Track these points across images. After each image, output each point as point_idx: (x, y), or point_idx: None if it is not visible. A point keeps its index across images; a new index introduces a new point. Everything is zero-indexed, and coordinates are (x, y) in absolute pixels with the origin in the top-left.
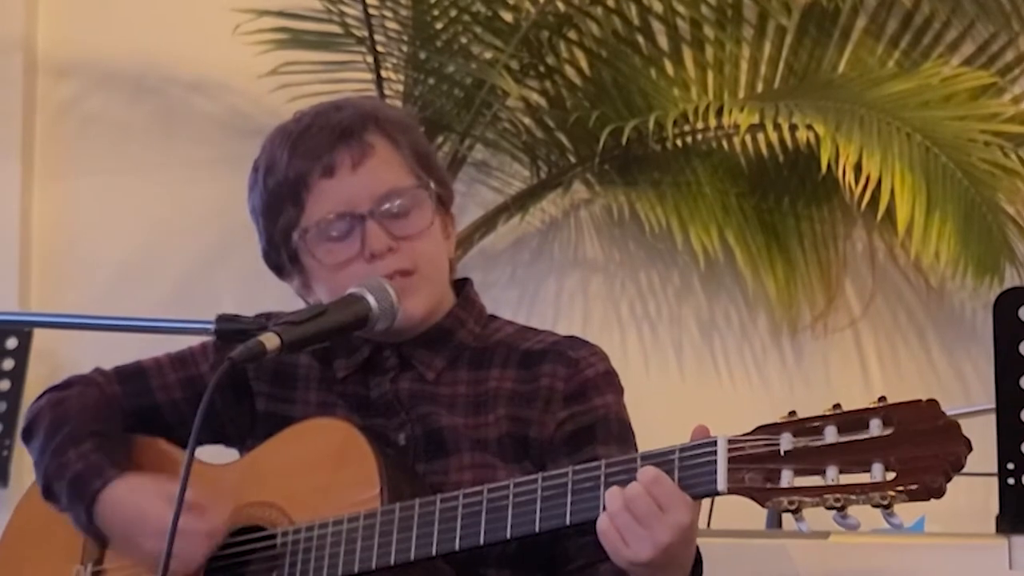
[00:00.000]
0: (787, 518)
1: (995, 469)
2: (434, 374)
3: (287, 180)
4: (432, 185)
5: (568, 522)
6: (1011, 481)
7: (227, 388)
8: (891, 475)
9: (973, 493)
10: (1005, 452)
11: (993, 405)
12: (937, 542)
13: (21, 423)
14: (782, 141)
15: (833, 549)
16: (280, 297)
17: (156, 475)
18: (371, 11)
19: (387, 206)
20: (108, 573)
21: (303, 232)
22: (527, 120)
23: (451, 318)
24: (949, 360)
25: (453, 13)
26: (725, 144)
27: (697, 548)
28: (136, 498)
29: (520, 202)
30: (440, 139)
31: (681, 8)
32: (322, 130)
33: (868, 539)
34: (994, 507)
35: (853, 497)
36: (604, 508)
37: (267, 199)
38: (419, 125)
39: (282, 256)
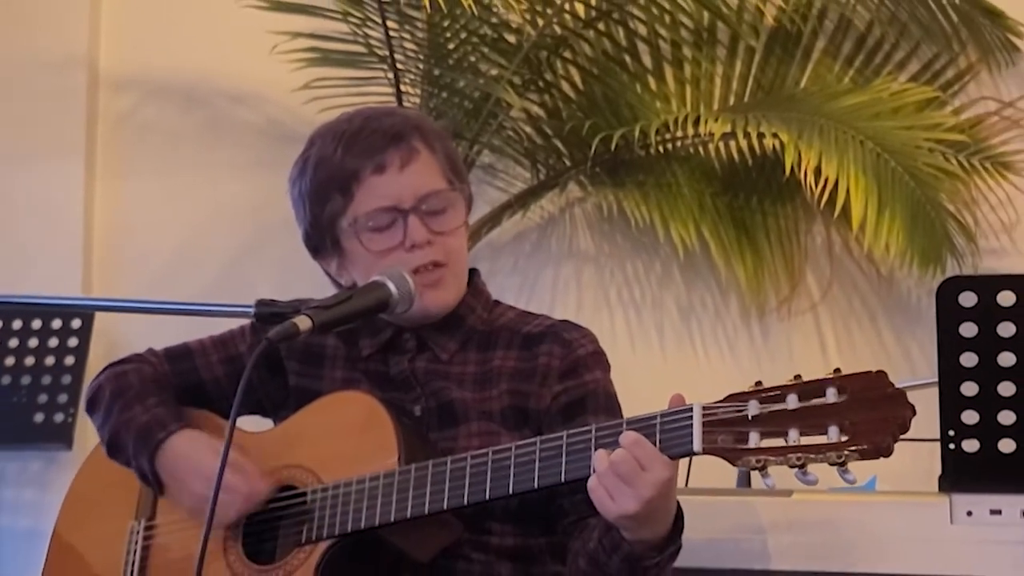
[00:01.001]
0: (755, 479)
1: (938, 435)
2: (448, 355)
3: (340, 173)
4: (464, 189)
5: (563, 479)
6: (952, 446)
7: (263, 365)
8: (845, 436)
9: (918, 456)
10: (946, 420)
11: (936, 379)
12: (887, 499)
13: (84, 394)
14: (751, 147)
15: (795, 505)
16: (312, 284)
17: (210, 433)
18: (391, 33)
19: (427, 204)
20: (159, 527)
21: (353, 220)
22: (528, 129)
23: (463, 306)
24: (897, 340)
25: (463, 35)
26: (701, 150)
27: (678, 504)
28: (192, 449)
29: (521, 201)
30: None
31: (663, 31)
32: (375, 132)
33: (826, 497)
34: (937, 469)
35: (812, 456)
36: (594, 469)
37: (316, 187)
38: (450, 135)
39: (324, 239)
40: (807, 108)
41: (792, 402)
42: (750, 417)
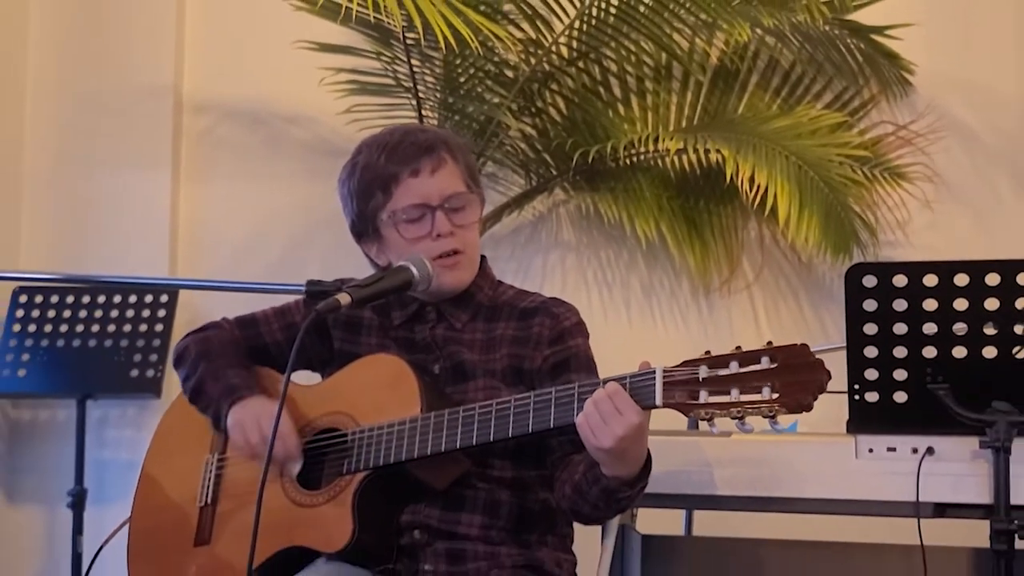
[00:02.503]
0: (703, 423)
1: (846, 389)
2: (461, 324)
3: (382, 175)
4: (479, 192)
5: (552, 425)
6: (857, 397)
7: (314, 332)
8: (775, 395)
9: (830, 405)
10: (853, 377)
11: (845, 344)
12: (806, 439)
13: (171, 353)
14: (699, 160)
15: (733, 444)
16: (353, 268)
17: (271, 385)
18: (415, 69)
19: (450, 203)
20: (229, 459)
21: (391, 213)
22: (523, 145)
23: (474, 285)
24: (815, 313)
25: (472, 71)
26: (660, 162)
27: (649, 452)
28: (252, 410)
29: (517, 202)
30: None
31: (629, 68)
32: (412, 144)
33: (758, 437)
34: (845, 415)
35: (749, 410)
36: (579, 410)
37: (362, 186)
38: (471, 149)
39: (367, 228)
40: (743, 129)
41: (734, 367)
42: (700, 379)
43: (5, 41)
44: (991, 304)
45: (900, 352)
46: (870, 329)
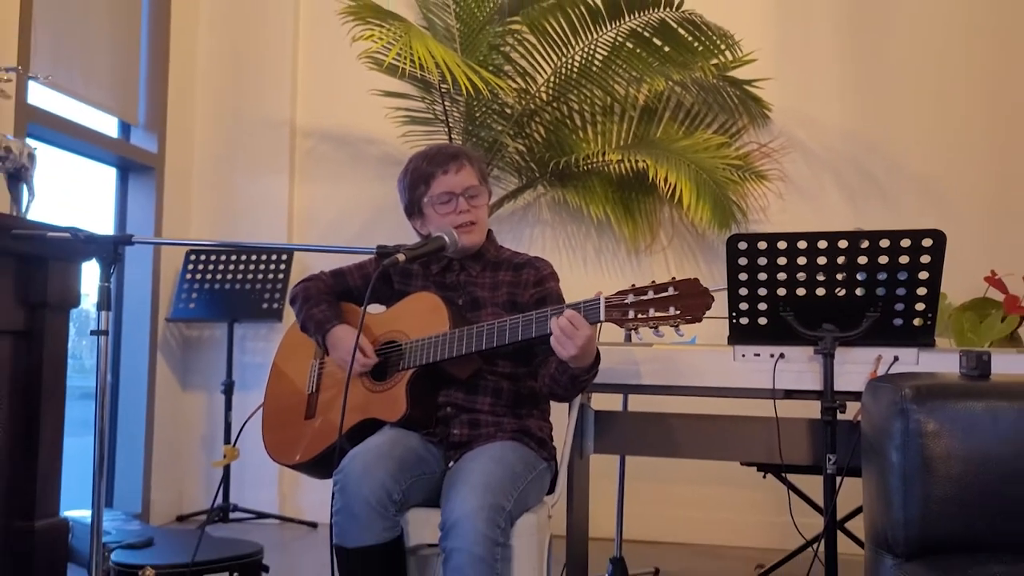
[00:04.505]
0: (633, 336)
1: (727, 315)
2: (475, 272)
3: (424, 173)
4: (487, 186)
5: (533, 335)
6: (734, 320)
7: (381, 279)
8: (678, 311)
9: (717, 326)
10: (731, 307)
11: (727, 286)
12: (701, 348)
13: (288, 294)
14: (633, 168)
15: (653, 351)
16: (406, 237)
17: (351, 315)
18: (447, 108)
19: (468, 192)
20: (327, 364)
21: (430, 199)
22: (517, 157)
23: (483, 247)
24: (707, 267)
25: (484, 108)
26: (606, 168)
27: (598, 350)
28: (342, 337)
29: (513, 195)
30: None
31: (586, 107)
32: (443, 154)
33: (669, 347)
34: (726, 332)
35: (661, 323)
36: (551, 332)
37: (412, 182)
38: (482, 158)
39: (414, 209)
40: (661, 147)
41: (651, 294)
42: (628, 302)
43: (181, 87)
44: (821, 260)
45: (762, 291)
46: (742, 276)
